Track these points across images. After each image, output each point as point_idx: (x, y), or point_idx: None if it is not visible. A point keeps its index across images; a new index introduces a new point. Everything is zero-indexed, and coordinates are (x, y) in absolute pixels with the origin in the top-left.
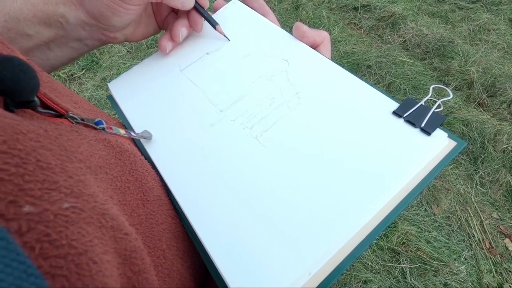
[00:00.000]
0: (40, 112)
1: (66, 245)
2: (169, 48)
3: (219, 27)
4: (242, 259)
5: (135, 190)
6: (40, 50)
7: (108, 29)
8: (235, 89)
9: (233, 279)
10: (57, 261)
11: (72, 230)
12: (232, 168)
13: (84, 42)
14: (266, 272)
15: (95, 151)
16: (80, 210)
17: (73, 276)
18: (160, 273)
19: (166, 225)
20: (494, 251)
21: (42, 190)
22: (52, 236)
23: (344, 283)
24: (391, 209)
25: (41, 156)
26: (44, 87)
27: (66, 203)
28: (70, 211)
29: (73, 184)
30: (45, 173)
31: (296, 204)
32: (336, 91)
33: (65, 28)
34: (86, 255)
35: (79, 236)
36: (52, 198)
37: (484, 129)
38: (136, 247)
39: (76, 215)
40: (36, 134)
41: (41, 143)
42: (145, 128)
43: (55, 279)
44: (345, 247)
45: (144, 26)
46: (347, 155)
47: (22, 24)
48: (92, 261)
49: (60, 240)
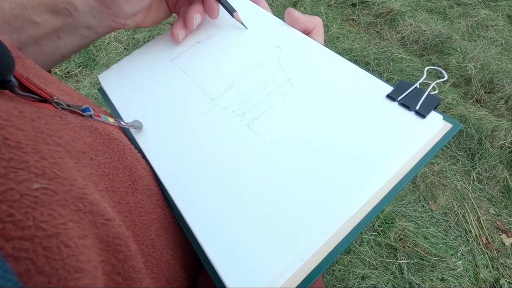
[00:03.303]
0: (21, 95)
1: (33, 227)
2: (182, 37)
3: (237, 14)
4: (234, 248)
5: (124, 178)
6: (50, 39)
7: (119, 15)
8: (227, 77)
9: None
10: (22, 243)
11: (41, 212)
12: (224, 156)
13: (94, 30)
14: (257, 256)
15: (79, 137)
16: (52, 192)
17: (41, 259)
18: (148, 262)
19: (155, 215)
20: (490, 246)
21: (8, 168)
22: (16, 217)
23: (342, 279)
24: (386, 193)
25: (10, 135)
26: (28, 72)
27: (36, 183)
28: (41, 192)
29: (46, 166)
30: (13, 152)
31: (289, 190)
32: (329, 76)
33: (73, 15)
34: (57, 238)
35: (50, 218)
36: (20, 178)
37: (481, 125)
38: (120, 234)
39: (48, 197)
40: (8, 113)
41: (12, 122)
42: (135, 118)
43: (18, 261)
44: (340, 232)
45: (155, 10)
46: (340, 140)
47: (29, 11)
48: (63, 244)
49: (25, 221)
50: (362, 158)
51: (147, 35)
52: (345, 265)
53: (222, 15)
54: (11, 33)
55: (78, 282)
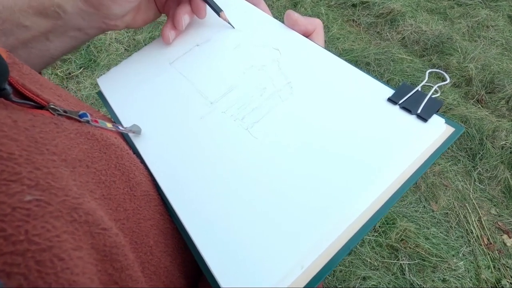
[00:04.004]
0: (16, 102)
1: (25, 241)
2: (172, 37)
3: (223, 13)
4: (233, 254)
5: (122, 185)
6: (39, 42)
7: (108, 17)
8: (226, 81)
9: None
10: (14, 258)
11: (34, 225)
12: (223, 161)
13: (84, 31)
14: (257, 263)
15: (75, 144)
16: (46, 203)
17: (33, 274)
18: (146, 270)
19: (154, 221)
20: (492, 247)
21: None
22: (8, 231)
23: (343, 279)
24: (388, 197)
25: (2, 146)
26: (23, 78)
27: (29, 195)
28: (33, 204)
29: (39, 176)
30: (5, 163)
31: (289, 195)
32: (329, 79)
33: (62, 18)
34: (51, 251)
35: (43, 231)
36: (11, 190)
37: (482, 125)
38: (117, 243)
39: (41, 209)
40: (1, 123)
41: (5, 132)
42: (134, 122)
43: (10, 277)
44: (342, 236)
45: (144, 11)
46: (341, 144)
47: (17, 15)
48: (57, 257)
49: (17, 236)
50: (363, 162)
51: (147, 36)
52: (346, 266)
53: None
54: (0, 37)
55: None
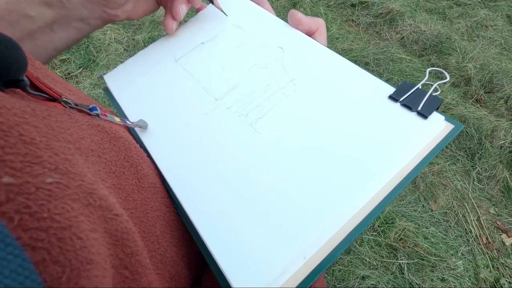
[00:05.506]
0: (31, 94)
1: (48, 218)
2: (175, 27)
3: (217, 1)
4: (237, 246)
5: (130, 176)
6: (44, 33)
7: (109, 5)
8: (230, 78)
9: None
10: (38, 233)
11: (55, 204)
12: (227, 155)
13: (87, 22)
14: (261, 254)
15: (87, 135)
16: (65, 186)
17: (55, 249)
18: (153, 258)
19: (160, 212)
20: (491, 246)
21: (24, 163)
22: (33, 208)
23: (342, 279)
24: (387, 193)
25: (25, 131)
26: (37, 72)
27: (50, 178)
28: (54, 186)
29: (58, 161)
30: (28, 147)
31: (292, 190)
32: (331, 77)
33: (66, 7)
34: (70, 230)
35: (63, 211)
36: (34, 172)
37: (481, 125)
38: (128, 229)
39: (61, 191)
40: (22, 111)
41: (26, 119)
42: (140, 118)
43: (35, 251)
44: (341, 231)
45: (144, 2)
46: (343, 140)
47: (23, 5)
48: (76, 236)
49: (41, 213)
50: (364, 158)
51: (147, 36)
52: (345, 265)
53: (225, 16)
54: (6, 28)
55: (89, 273)
